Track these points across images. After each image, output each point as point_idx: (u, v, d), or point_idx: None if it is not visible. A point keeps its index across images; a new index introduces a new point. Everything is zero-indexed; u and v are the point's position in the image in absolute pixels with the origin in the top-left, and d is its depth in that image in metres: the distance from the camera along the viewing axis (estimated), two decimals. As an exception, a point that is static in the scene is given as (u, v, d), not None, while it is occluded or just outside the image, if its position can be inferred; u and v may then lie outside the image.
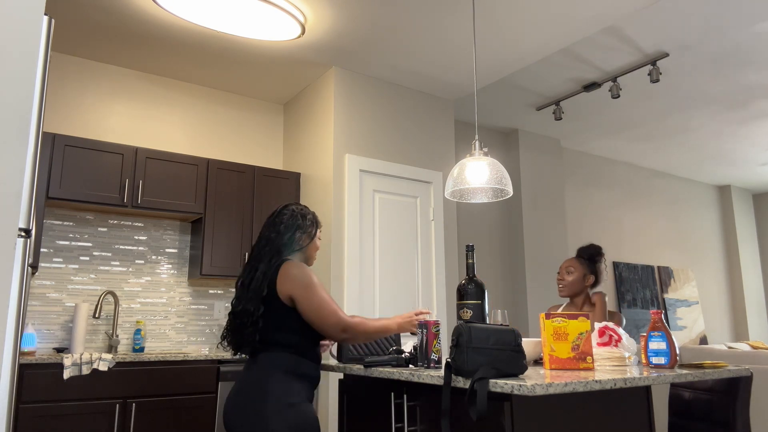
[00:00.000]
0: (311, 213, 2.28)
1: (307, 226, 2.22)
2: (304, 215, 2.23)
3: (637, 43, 4.07)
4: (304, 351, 2.06)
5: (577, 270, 2.95)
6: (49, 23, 1.55)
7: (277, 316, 2.04)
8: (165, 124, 4.30)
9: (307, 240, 2.22)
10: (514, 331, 1.75)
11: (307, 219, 2.23)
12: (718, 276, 7.87)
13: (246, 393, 1.97)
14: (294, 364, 2.02)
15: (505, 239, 5.69)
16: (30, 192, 1.47)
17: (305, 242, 2.21)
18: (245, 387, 1.99)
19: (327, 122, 4.17)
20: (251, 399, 1.95)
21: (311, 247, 2.25)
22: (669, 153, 6.68)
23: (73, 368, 3.13)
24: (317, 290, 2.04)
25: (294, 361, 2.02)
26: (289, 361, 2.01)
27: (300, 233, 2.20)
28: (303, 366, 2.04)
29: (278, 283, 2.04)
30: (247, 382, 2.00)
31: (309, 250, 2.24)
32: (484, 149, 2.67)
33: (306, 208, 2.28)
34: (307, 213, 2.25)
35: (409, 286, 4.21)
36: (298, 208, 2.26)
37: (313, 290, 2.03)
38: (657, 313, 2.16)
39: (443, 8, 3.44)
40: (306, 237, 2.21)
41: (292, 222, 2.20)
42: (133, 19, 3.56)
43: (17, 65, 1.39)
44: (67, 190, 3.52)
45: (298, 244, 2.20)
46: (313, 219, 2.26)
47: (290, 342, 2.03)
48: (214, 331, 4.24)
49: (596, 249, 3.04)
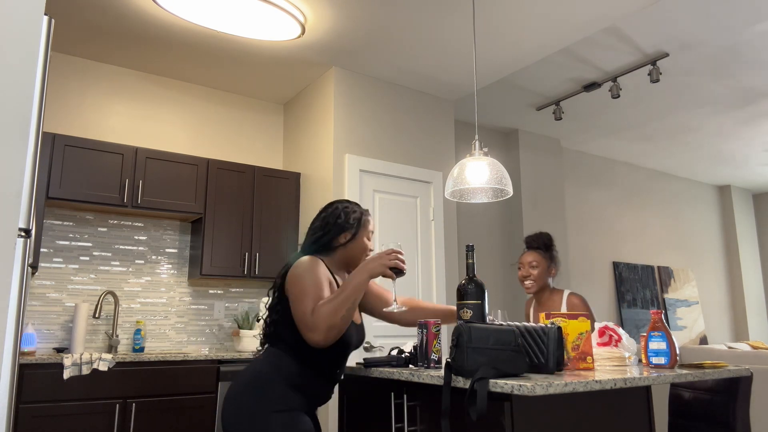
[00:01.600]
0: (360, 212, 2.09)
1: (348, 224, 2.04)
2: (348, 213, 2.06)
3: (637, 43, 4.07)
4: (303, 357, 1.90)
5: (541, 264, 2.83)
6: (49, 23, 1.55)
7: (284, 311, 1.94)
8: (165, 124, 4.30)
9: (348, 237, 2.04)
10: (514, 331, 1.75)
11: (352, 218, 2.05)
12: (718, 276, 7.87)
13: (239, 393, 1.88)
14: (291, 371, 1.89)
15: (505, 239, 5.69)
16: (30, 192, 1.47)
17: (345, 239, 2.04)
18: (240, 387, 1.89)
19: (327, 122, 4.17)
20: (243, 401, 1.86)
21: (355, 248, 2.06)
22: (669, 153, 6.68)
23: (73, 368, 3.13)
24: (300, 285, 1.86)
25: (293, 369, 1.89)
26: (288, 367, 1.89)
27: (339, 231, 2.04)
28: (301, 377, 1.90)
29: (288, 277, 1.94)
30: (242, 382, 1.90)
31: (351, 250, 2.06)
32: (484, 149, 2.67)
33: (354, 206, 2.10)
34: (352, 212, 2.07)
35: (409, 285, 4.21)
36: (343, 205, 2.09)
37: (297, 285, 1.87)
38: (657, 313, 2.16)
39: (443, 8, 3.44)
40: (347, 234, 2.04)
41: (333, 220, 2.05)
42: (132, 19, 3.56)
43: (17, 65, 1.39)
44: (67, 190, 3.52)
45: (335, 242, 2.04)
46: (360, 219, 2.07)
47: (287, 339, 1.92)
48: (214, 331, 4.24)
49: (548, 236, 2.90)
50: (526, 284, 2.87)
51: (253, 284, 4.44)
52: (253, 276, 4.08)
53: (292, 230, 4.31)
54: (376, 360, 2.17)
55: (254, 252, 4.11)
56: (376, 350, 3.93)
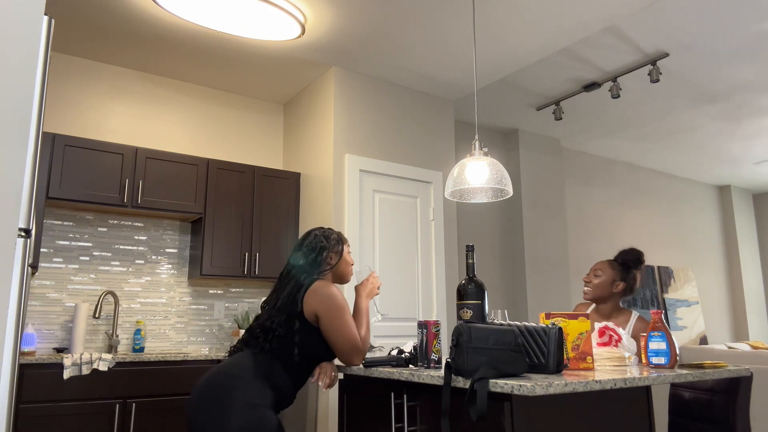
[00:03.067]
0: (336, 233, 2.36)
1: (333, 245, 2.30)
2: (328, 236, 2.32)
3: (637, 43, 4.07)
4: (293, 367, 2.09)
5: (606, 274, 2.73)
6: (49, 23, 1.55)
7: (291, 328, 2.10)
8: (165, 124, 4.30)
9: (336, 258, 2.29)
10: (514, 331, 1.75)
11: (332, 239, 2.31)
12: (718, 276, 7.87)
13: (214, 386, 1.99)
14: (271, 370, 2.05)
15: (505, 239, 5.69)
16: (30, 192, 1.47)
17: (334, 260, 2.29)
18: (215, 378, 2.02)
19: (327, 122, 4.17)
20: (216, 393, 1.97)
21: (342, 264, 2.32)
22: (669, 153, 6.68)
23: (73, 368, 3.13)
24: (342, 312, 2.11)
25: (274, 369, 2.06)
26: (270, 368, 2.05)
27: (326, 253, 2.27)
28: (280, 378, 2.06)
29: (305, 299, 2.11)
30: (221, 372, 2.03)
31: (340, 267, 2.32)
32: (484, 149, 2.67)
33: (329, 230, 2.37)
34: (330, 233, 2.33)
35: (409, 286, 4.21)
36: (320, 230, 2.34)
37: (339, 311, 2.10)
38: (657, 313, 2.16)
39: (443, 8, 3.44)
40: (334, 255, 2.29)
41: (316, 244, 2.28)
42: (133, 19, 3.56)
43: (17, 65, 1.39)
44: (67, 190, 3.52)
45: (327, 264, 2.27)
46: (338, 237, 2.34)
47: (285, 350, 2.08)
48: (214, 331, 4.24)
49: (635, 255, 2.78)
50: (584, 289, 2.80)
51: (253, 284, 4.44)
52: (253, 276, 4.08)
53: (292, 230, 4.31)
54: (376, 360, 2.17)
55: (254, 252, 4.11)
56: (376, 350, 3.93)
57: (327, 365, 2.19)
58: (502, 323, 1.85)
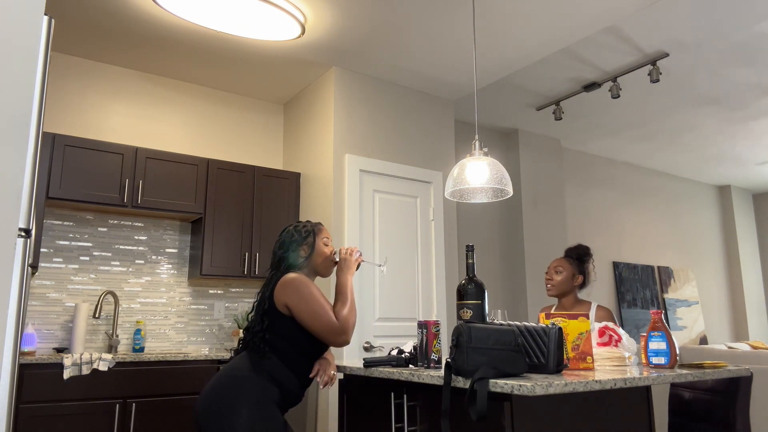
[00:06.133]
0: (307, 224, 2.31)
1: (303, 238, 2.26)
2: (298, 229, 2.28)
3: (637, 43, 4.07)
4: (289, 361, 2.10)
5: (566, 270, 2.95)
6: (49, 23, 1.55)
7: (272, 323, 2.12)
8: (165, 124, 4.30)
9: (308, 250, 2.25)
10: (514, 331, 1.75)
11: (302, 231, 2.27)
12: (718, 276, 7.87)
13: (218, 388, 2.02)
14: (272, 367, 2.07)
15: (505, 239, 5.69)
16: (30, 192, 1.47)
17: (306, 252, 2.24)
18: (218, 381, 2.05)
19: (327, 122, 4.17)
20: (222, 395, 2.00)
21: (316, 256, 2.26)
22: (669, 153, 6.68)
23: (73, 368, 3.13)
24: (310, 298, 2.08)
25: (274, 365, 2.07)
26: (269, 364, 2.07)
27: (297, 246, 2.24)
28: (282, 373, 2.08)
29: (275, 293, 2.12)
30: (224, 375, 2.06)
31: (314, 259, 2.26)
32: (484, 149, 2.67)
33: (300, 223, 2.33)
34: (303, 227, 2.29)
35: (409, 286, 4.21)
36: (293, 225, 2.32)
37: (305, 298, 2.08)
38: (657, 313, 2.16)
39: (443, 8, 3.44)
40: (306, 248, 2.25)
41: (288, 239, 2.26)
42: (133, 19, 3.56)
43: (17, 65, 1.39)
44: (67, 190, 3.52)
45: (300, 257, 2.24)
46: (310, 228, 2.29)
47: (276, 345, 2.10)
48: (214, 331, 4.24)
49: (585, 249, 3.04)
50: (547, 286, 2.98)
51: (253, 284, 4.44)
52: (253, 276, 4.08)
53: (292, 230, 4.31)
54: (376, 360, 2.17)
55: (254, 252, 4.11)
56: (376, 350, 3.93)
57: (326, 363, 2.19)
58: (502, 323, 1.84)
